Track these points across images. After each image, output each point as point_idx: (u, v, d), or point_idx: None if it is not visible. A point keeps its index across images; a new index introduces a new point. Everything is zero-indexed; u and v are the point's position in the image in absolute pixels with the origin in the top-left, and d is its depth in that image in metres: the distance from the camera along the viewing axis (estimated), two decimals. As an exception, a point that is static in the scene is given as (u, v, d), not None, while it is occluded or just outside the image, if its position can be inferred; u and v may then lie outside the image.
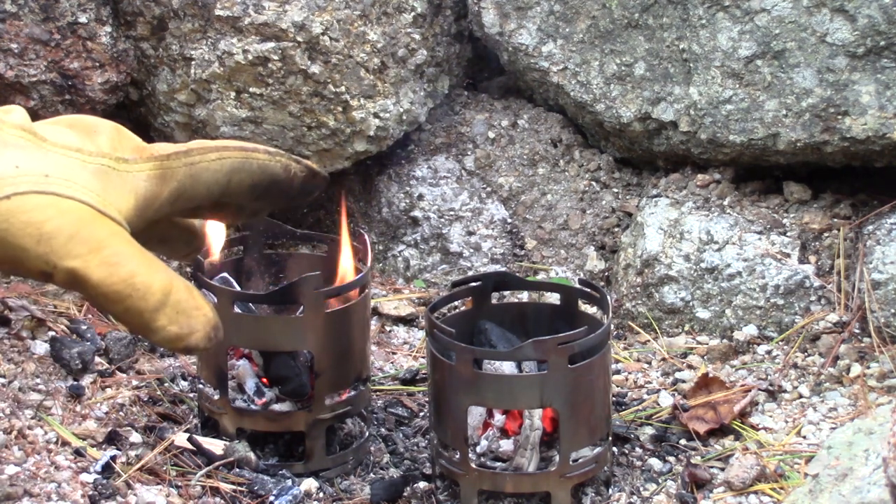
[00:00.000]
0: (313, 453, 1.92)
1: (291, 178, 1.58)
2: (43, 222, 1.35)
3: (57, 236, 1.35)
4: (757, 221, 2.31)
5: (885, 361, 2.12)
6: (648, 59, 2.38)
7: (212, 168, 1.50)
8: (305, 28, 2.33)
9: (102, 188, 1.40)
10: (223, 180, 1.51)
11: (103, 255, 1.37)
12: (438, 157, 2.55)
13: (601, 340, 1.81)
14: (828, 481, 1.63)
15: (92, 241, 1.36)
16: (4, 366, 2.00)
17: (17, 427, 1.87)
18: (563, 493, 1.81)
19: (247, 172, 1.53)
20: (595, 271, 2.44)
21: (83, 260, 1.36)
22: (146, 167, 1.44)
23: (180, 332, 1.40)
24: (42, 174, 1.37)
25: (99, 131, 1.44)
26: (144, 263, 1.39)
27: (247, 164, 1.53)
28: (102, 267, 1.37)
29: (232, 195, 1.54)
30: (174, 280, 1.40)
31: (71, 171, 1.39)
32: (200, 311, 1.41)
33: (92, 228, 1.37)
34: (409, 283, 2.49)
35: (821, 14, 2.22)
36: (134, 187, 1.42)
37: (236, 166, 1.52)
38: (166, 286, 1.39)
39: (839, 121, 2.24)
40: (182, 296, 1.40)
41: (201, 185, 1.49)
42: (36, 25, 2.27)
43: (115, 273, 1.37)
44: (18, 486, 1.76)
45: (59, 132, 1.42)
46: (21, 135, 1.39)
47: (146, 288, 1.38)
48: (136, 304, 1.38)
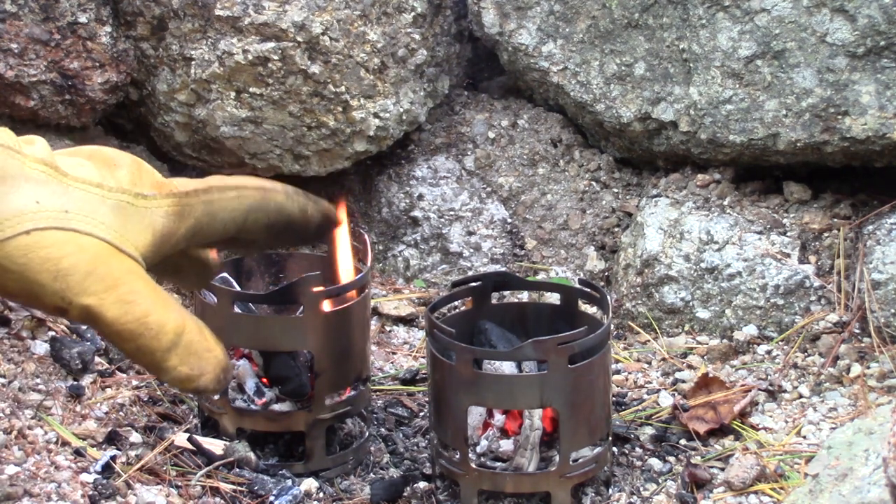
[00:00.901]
0: (313, 453, 1.92)
1: (307, 220, 1.59)
2: (61, 258, 1.36)
3: (74, 273, 1.37)
4: (757, 221, 2.31)
5: (885, 361, 2.12)
6: (648, 59, 2.38)
7: (229, 207, 1.51)
8: (305, 28, 2.33)
9: (121, 224, 1.41)
10: (240, 219, 1.52)
11: (119, 293, 1.38)
12: (438, 157, 2.55)
13: (601, 340, 1.81)
14: (828, 481, 1.63)
15: (108, 279, 1.38)
16: (4, 366, 2.00)
17: (17, 427, 1.87)
18: (563, 493, 1.81)
19: (264, 212, 1.54)
20: (595, 271, 2.44)
21: (98, 297, 1.37)
22: (164, 203, 1.45)
23: (191, 374, 1.41)
24: (62, 210, 1.38)
25: (119, 165, 1.45)
26: (159, 303, 1.40)
27: (264, 203, 1.54)
28: (117, 305, 1.38)
29: (247, 233, 1.55)
30: (187, 320, 1.41)
31: (91, 206, 1.40)
32: (211, 353, 1.42)
33: (109, 266, 1.38)
34: (409, 283, 2.49)
35: (821, 14, 2.22)
36: (152, 223, 1.43)
37: (254, 206, 1.53)
38: (179, 326, 1.40)
39: (839, 121, 2.24)
40: (194, 337, 1.41)
41: (218, 223, 1.50)
42: (36, 25, 2.26)
43: (130, 312, 1.38)
44: (18, 486, 1.76)
45: (79, 166, 1.42)
46: (43, 169, 1.39)
47: (159, 327, 1.39)
48: (148, 344, 1.39)
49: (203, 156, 2.48)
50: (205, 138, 2.44)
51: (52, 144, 2.32)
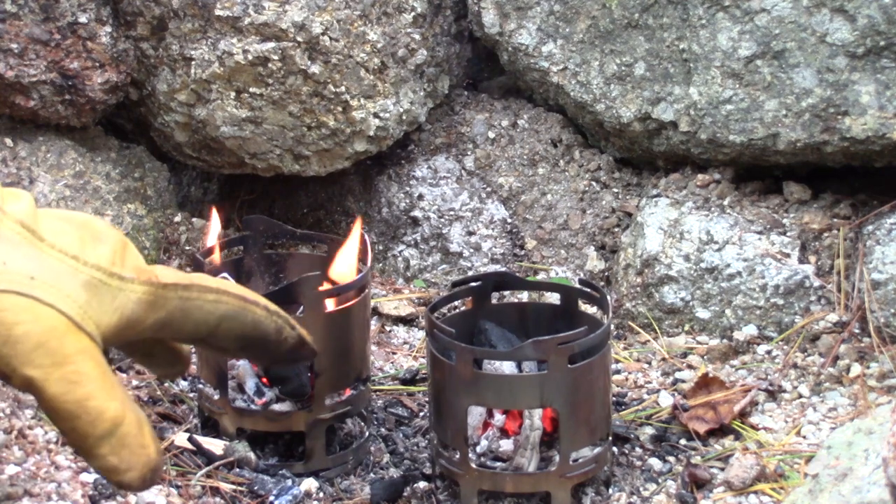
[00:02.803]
0: (313, 453, 1.92)
1: (281, 342, 1.55)
2: (14, 324, 1.33)
3: (24, 342, 1.33)
4: (757, 221, 2.31)
5: (885, 361, 2.12)
6: (648, 59, 2.38)
7: (205, 308, 1.47)
8: (305, 28, 2.33)
9: (87, 301, 1.37)
10: (213, 323, 1.48)
11: (64, 371, 1.34)
12: (438, 157, 2.55)
13: (601, 340, 1.81)
14: (828, 481, 1.63)
15: (57, 355, 1.34)
16: (4, 366, 2.00)
17: (17, 427, 1.87)
18: (563, 493, 1.81)
19: (238, 322, 1.50)
20: (595, 271, 2.44)
21: (44, 371, 1.34)
22: (139, 290, 1.41)
23: (118, 466, 1.38)
24: (28, 276, 1.34)
25: (103, 241, 1.41)
26: (104, 388, 1.36)
27: (241, 314, 1.50)
28: (60, 383, 1.34)
29: (217, 339, 1.50)
30: (128, 412, 1.37)
31: (60, 277, 1.36)
32: (144, 451, 1.39)
33: (61, 341, 1.35)
34: (409, 283, 2.49)
35: (821, 14, 2.22)
36: (121, 306, 1.40)
37: (230, 314, 1.49)
38: (118, 417, 1.36)
39: (839, 121, 2.24)
40: (131, 430, 1.38)
41: (190, 322, 1.47)
42: (36, 25, 2.27)
43: (71, 392, 1.34)
44: (18, 486, 1.76)
45: (61, 233, 1.39)
46: (19, 231, 1.36)
47: (97, 414, 1.35)
48: (83, 428, 1.36)
49: (203, 156, 2.48)
50: (205, 138, 2.44)
51: (53, 145, 2.33)
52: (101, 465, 1.38)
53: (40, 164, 2.31)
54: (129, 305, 1.41)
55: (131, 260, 1.43)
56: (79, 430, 1.36)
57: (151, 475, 1.40)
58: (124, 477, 1.39)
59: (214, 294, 1.48)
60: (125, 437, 1.37)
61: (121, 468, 1.38)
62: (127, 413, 1.38)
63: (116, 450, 1.37)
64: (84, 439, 1.37)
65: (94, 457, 1.38)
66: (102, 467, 1.38)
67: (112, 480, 1.39)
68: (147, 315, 1.43)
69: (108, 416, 1.36)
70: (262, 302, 1.53)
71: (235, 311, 1.50)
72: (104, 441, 1.37)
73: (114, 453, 1.37)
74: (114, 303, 1.40)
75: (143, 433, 1.39)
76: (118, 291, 1.40)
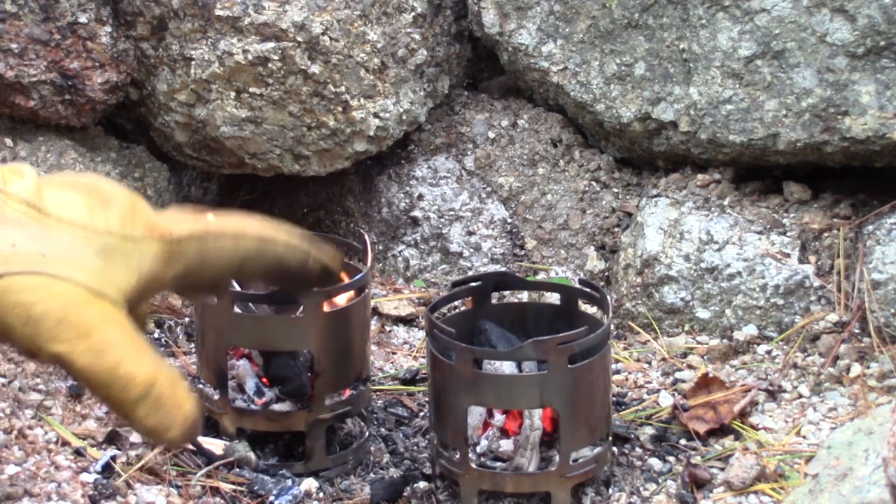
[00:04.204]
0: (313, 453, 1.92)
1: (306, 273, 1.55)
2: (32, 304, 1.33)
3: (44, 320, 1.33)
4: (757, 221, 2.31)
5: (885, 361, 2.12)
6: (648, 59, 2.38)
7: (224, 254, 1.47)
8: (305, 28, 2.33)
9: (103, 267, 1.37)
10: (235, 266, 1.48)
11: (90, 341, 1.34)
12: (438, 157, 2.55)
13: (601, 340, 1.81)
14: (828, 481, 1.63)
15: (80, 327, 1.34)
16: (4, 366, 2.00)
17: (17, 427, 1.87)
18: (563, 493, 1.81)
19: (260, 261, 1.50)
20: (595, 271, 2.44)
21: (69, 345, 1.34)
22: (154, 247, 1.41)
23: (157, 426, 1.39)
24: (39, 254, 1.34)
25: (112, 204, 1.40)
26: (132, 352, 1.37)
27: (262, 253, 1.50)
28: (88, 354, 1.34)
29: (241, 278, 1.52)
30: (160, 373, 1.38)
31: (72, 250, 1.36)
32: (180, 410, 1.39)
33: (82, 313, 1.35)
34: (409, 283, 2.49)
35: (821, 14, 2.22)
36: (139, 266, 1.40)
37: (250, 254, 1.49)
38: (150, 378, 1.37)
39: (839, 121, 2.24)
40: (164, 390, 1.38)
41: (211, 269, 1.47)
42: (36, 25, 2.26)
43: (100, 362, 1.35)
44: (18, 486, 1.76)
45: (68, 203, 1.38)
46: (25, 210, 1.35)
47: (129, 379, 1.36)
48: (117, 394, 1.36)
49: (203, 156, 2.48)
50: (205, 138, 2.44)
51: (53, 144, 2.33)
52: (141, 427, 1.39)
53: (40, 164, 2.31)
54: (145, 264, 1.40)
55: (142, 218, 1.42)
56: (114, 397, 1.37)
57: (192, 430, 1.41)
58: (165, 436, 1.40)
59: (231, 238, 1.47)
60: (160, 398, 1.38)
61: (160, 428, 1.38)
62: (159, 373, 1.38)
63: (153, 411, 1.37)
64: (120, 405, 1.37)
65: (133, 420, 1.39)
66: (143, 429, 1.39)
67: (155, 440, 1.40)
68: (166, 270, 1.43)
69: (140, 380, 1.36)
70: (281, 238, 1.52)
71: (255, 250, 1.49)
72: (140, 404, 1.37)
73: (151, 415, 1.38)
74: (130, 264, 1.39)
75: (177, 390, 1.39)
76: (133, 252, 1.40)
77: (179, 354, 2.17)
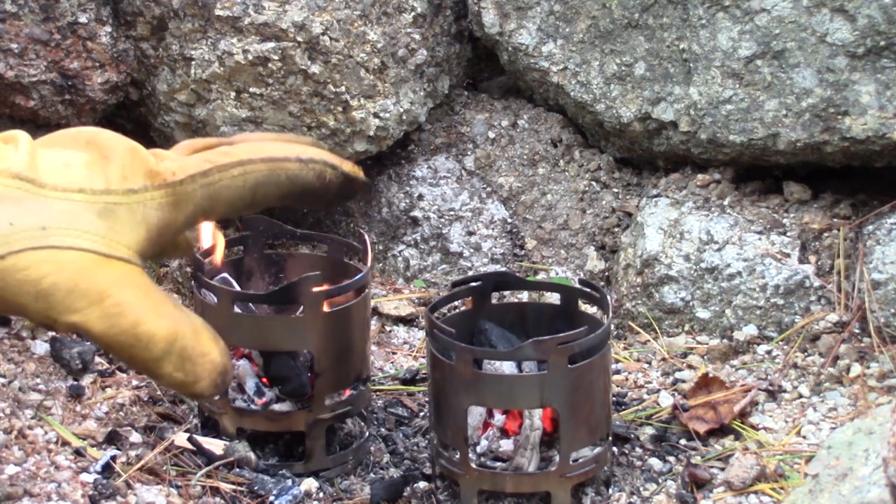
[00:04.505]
0: (313, 453, 1.92)
1: (326, 185, 1.49)
2: (40, 279, 1.32)
3: (55, 293, 1.32)
4: (757, 221, 2.31)
5: (885, 361, 2.12)
6: (648, 59, 2.38)
7: (233, 185, 1.43)
8: (305, 28, 2.33)
9: (108, 228, 1.35)
10: (247, 195, 1.44)
11: (104, 306, 1.33)
12: (438, 157, 2.55)
13: (601, 340, 1.81)
14: (828, 481, 1.63)
15: (92, 293, 1.33)
16: (4, 366, 2.00)
17: (17, 427, 1.87)
18: (563, 493, 1.81)
19: (274, 185, 1.46)
20: (595, 271, 2.44)
21: (83, 314, 1.33)
22: (158, 195, 1.39)
23: (185, 380, 1.37)
24: (38, 228, 1.32)
25: (111, 158, 1.38)
26: (149, 310, 1.35)
27: (273, 175, 1.45)
28: (103, 319, 1.33)
29: (259, 205, 1.46)
30: (180, 326, 1.36)
31: (72, 217, 1.34)
32: (206, 358, 1.38)
33: (92, 279, 1.33)
34: (409, 283, 2.49)
35: (821, 14, 2.22)
36: (145, 218, 1.37)
37: (261, 180, 1.45)
38: (171, 334, 1.36)
39: (839, 121, 2.24)
40: (188, 342, 1.36)
41: (222, 204, 1.43)
42: (36, 25, 2.26)
43: (117, 324, 1.34)
44: (18, 486, 1.76)
45: (64, 167, 1.35)
46: (18, 185, 1.33)
47: (149, 338, 1.35)
48: (140, 354, 1.35)
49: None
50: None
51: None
52: (169, 382, 1.37)
53: (40, 164, 2.31)
54: (152, 214, 1.38)
55: (141, 166, 1.39)
56: (137, 357, 1.35)
57: (221, 378, 1.39)
58: (195, 388, 1.38)
59: (238, 167, 1.43)
60: (184, 351, 1.36)
61: (189, 381, 1.37)
62: (179, 326, 1.36)
63: (179, 365, 1.36)
64: (145, 364, 1.36)
65: (160, 377, 1.37)
66: (171, 384, 1.38)
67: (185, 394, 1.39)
68: (175, 215, 1.40)
69: (161, 336, 1.35)
70: (292, 154, 1.47)
71: (266, 175, 1.45)
72: (165, 360, 1.36)
73: (178, 369, 1.37)
74: (135, 218, 1.37)
75: (201, 341, 1.38)
76: (137, 205, 1.37)
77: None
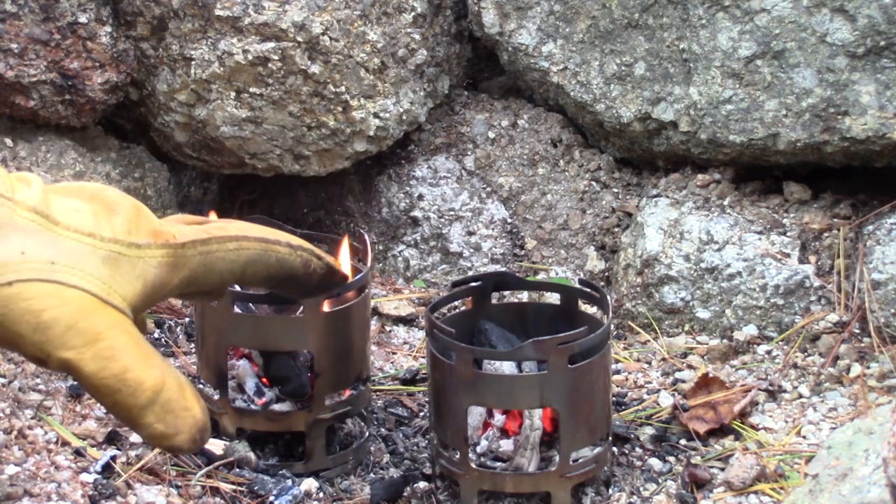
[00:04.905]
0: (313, 453, 1.92)
1: (310, 275, 1.57)
2: (41, 311, 1.35)
3: (54, 326, 1.35)
4: (757, 221, 2.31)
5: (885, 361, 2.12)
6: (648, 59, 2.38)
7: (228, 258, 1.49)
8: (305, 28, 2.33)
9: (110, 275, 1.39)
10: (238, 270, 1.50)
11: (98, 348, 1.36)
12: (438, 157, 2.55)
13: (601, 340, 1.81)
14: (828, 481, 1.63)
15: (88, 334, 1.36)
16: (4, 366, 2.00)
17: (17, 427, 1.87)
18: (563, 493, 1.81)
19: (263, 265, 1.52)
20: (595, 271, 2.44)
21: (77, 352, 1.36)
22: (158, 254, 1.43)
23: (166, 432, 1.40)
24: (48, 261, 1.36)
25: (117, 212, 1.42)
26: (139, 359, 1.38)
27: (265, 256, 1.52)
28: (96, 360, 1.36)
29: (245, 283, 1.54)
30: (167, 378, 1.39)
31: (80, 258, 1.38)
32: (189, 413, 1.40)
33: (90, 320, 1.36)
34: (409, 283, 2.49)
35: (821, 14, 2.22)
36: (143, 273, 1.41)
37: (253, 258, 1.51)
38: (158, 384, 1.38)
39: (839, 121, 2.24)
40: (172, 395, 1.39)
41: (214, 275, 1.49)
42: (36, 25, 2.27)
43: (108, 368, 1.36)
44: (18, 486, 1.76)
45: (74, 211, 1.39)
46: (33, 218, 1.37)
47: (137, 385, 1.37)
48: (125, 400, 1.38)
49: (203, 156, 2.48)
50: (205, 138, 2.44)
51: (53, 145, 2.33)
52: (149, 433, 1.40)
53: (40, 164, 2.31)
54: (150, 271, 1.42)
55: (146, 224, 1.44)
56: (121, 403, 1.38)
57: (200, 435, 1.42)
58: (174, 441, 1.40)
59: (234, 242, 1.49)
60: (168, 403, 1.39)
61: (169, 433, 1.40)
62: (166, 379, 1.39)
63: (161, 416, 1.39)
64: (128, 411, 1.38)
65: (141, 426, 1.40)
66: (150, 435, 1.40)
67: (163, 446, 1.41)
68: (171, 277, 1.44)
69: (148, 385, 1.38)
70: (283, 239, 1.54)
71: (258, 254, 1.51)
72: (148, 410, 1.38)
73: (160, 420, 1.39)
74: (135, 271, 1.41)
75: (185, 396, 1.40)
76: (137, 260, 1.41)
77: (179, 354, 2.17)
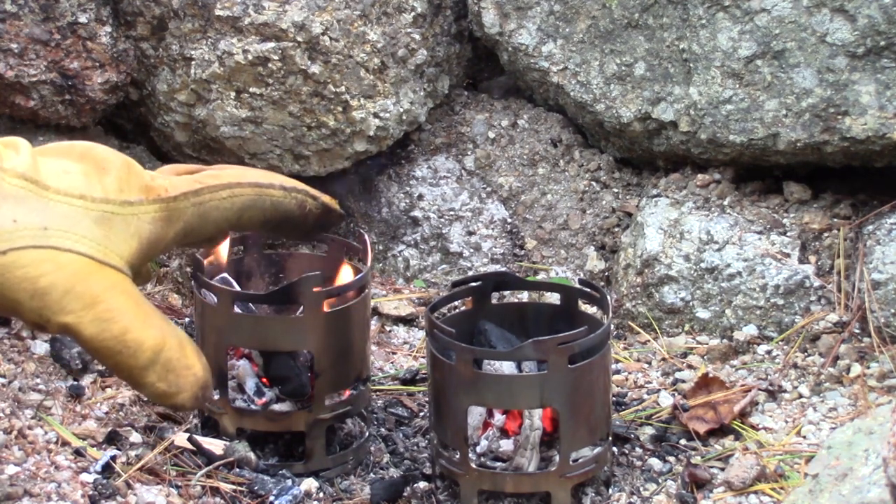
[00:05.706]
0: (313, 453, 1.92)
1: (306, 215, 1.58)
2: (38, 278, 1.35)
3: (51, 292, 1.35)
4: (757, 221, 2.31)
5: (885, 361, 2.12)
6: (648, 59, 2.38)
7: (222, 206, 1.49)
8: (305, 28, 2.33)
9: (104, 236, 1.39)
10: (233, 217, 1.50)
11: (97, 310, 1.36)
12: (438, 157, 2.55)
13: (601, 340, 1.81)
14: (828, 481, 1.63)
15: (86, 297, 1.36)
16: (4, 366, 2.00)
17: (17, 427, 1.87)
18: (563, 493, 1.81)
19: (259, 209, 1.52)
20: (595, 271, 2.44)
21: (76, 316, 1.36)
22: (151, 209, 1.43)
23: (168, 391, 1.41)
24: (41, 227, 1.36)
25: (108, 170, 1.42)
26: (139, 319, 1.39)
27: (259, 201, 1.52)
28: (95, 323, 1.37)
29: (242, 229, 1.54)
30: (167, 337, 1.40)
31: (72, 221, 1.37)
32: (190, 371, 1.41)
33: (87, 283, 1.36)
34: (409, 283, 2.49)
35: (821, 14, 2.22)
36: (138, 230, 1.41)
37: (248, 203, 1.51)
38: (158, 344, 1.39)
39: (839, 121, 2.24)
40: (173, 354, 1.40)
41: (210, 224, 1.49)
42: (36, 25, 2.26)
43: (107, 329, 1.37)
44: (18, 486, 1.76)
45: (64, 173, 1.39)
46: (23, 185, 1.37)
47: (137, 346, 1.38)
48: (126, 361, 1.38)
49: (203, 156, 2.48)
50: (205, 138, 2.44)
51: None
52: (152, 392, 1.41)
53: (40, 164, 2.31)
54: (145, 227, 1.42)
55: (137, 181, 1.43)
56: (122, 364, 1.39)
57: (202, 392, 1.43)
58: (177, 399, 1.41)
59: (227, 190, 1.49)
60: (169, 362, 1.39)
61: (171, 392, 1.41)
62: (166, 338, 1.39)
63: (163, 375, 1.40)
64: (129, 372, 1.39)
65: (143, 385, 1.41)
66: (153, 394, 1.41)
67: (166, 405, 1.43)
68: (166, 230, 1.45)
69: (148, 345, 1.38)
70: (276, 182, 1.54)
71: (252, 200, 1.51)
72: (149, 370, 1.39)
73: (161, 379, 1.40)
74: (129, 229, 1.41)
75: (185, 354, 1.41)
76: (131, 217, 1.41)
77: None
